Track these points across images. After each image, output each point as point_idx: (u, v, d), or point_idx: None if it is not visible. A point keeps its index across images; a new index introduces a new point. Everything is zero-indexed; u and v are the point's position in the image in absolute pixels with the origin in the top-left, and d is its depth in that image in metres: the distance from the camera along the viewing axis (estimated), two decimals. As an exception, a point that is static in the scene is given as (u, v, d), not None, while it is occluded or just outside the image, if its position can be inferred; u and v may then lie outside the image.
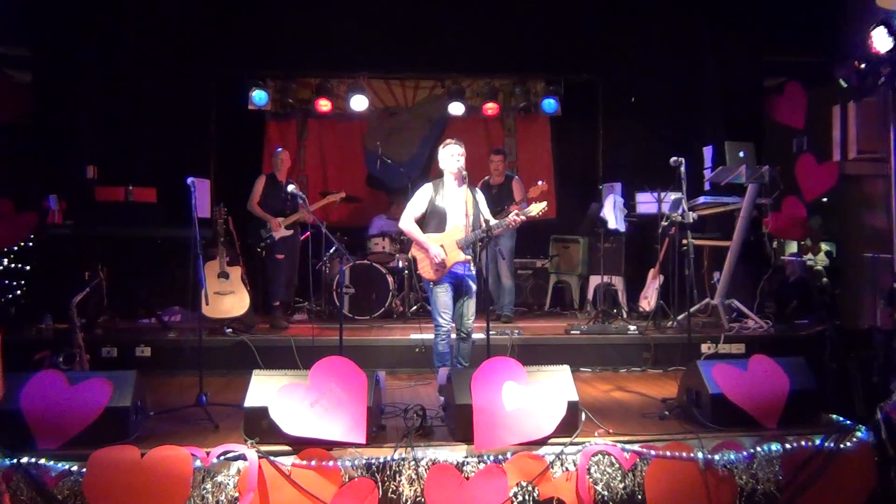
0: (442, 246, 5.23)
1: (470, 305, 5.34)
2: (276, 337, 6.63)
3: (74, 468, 3.80)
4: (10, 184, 7.06)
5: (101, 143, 8.04)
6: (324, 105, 9.19)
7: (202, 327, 6.12)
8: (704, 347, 6.46)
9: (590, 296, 8.56)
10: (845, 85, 6.10)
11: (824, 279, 8.14)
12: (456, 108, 9.30)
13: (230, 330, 6.64)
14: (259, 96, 8.88)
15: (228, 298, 6.63)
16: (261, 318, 7.31)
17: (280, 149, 7.69)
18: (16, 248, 7.55)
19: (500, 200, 7.44)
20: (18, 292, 7.58)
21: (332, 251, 7.74)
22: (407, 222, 5.37)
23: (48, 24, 7.59)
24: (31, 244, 7.47)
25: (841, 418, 4.51)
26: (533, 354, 6.23)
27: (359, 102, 9.04)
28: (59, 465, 3.79)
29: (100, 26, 7.91)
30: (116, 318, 7.32)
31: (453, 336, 5.38)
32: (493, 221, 5.21)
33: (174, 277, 7.61)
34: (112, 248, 7.07)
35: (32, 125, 7.62)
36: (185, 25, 8.24)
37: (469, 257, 5.23)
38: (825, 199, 8.05)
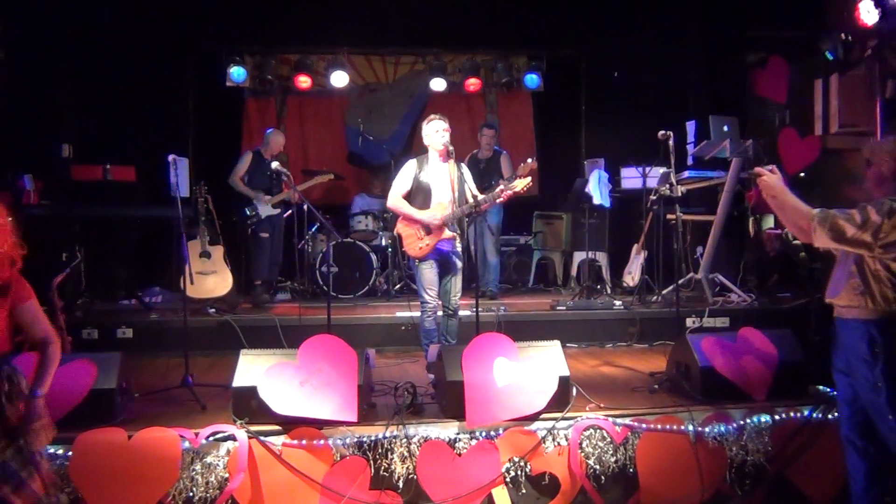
0: (427, 224, 5.17)
1: (456, 282, 5.31)
2: (261, 316, 6.57)
3: (60, 451, 3.73)
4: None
5: (76, 121, 7.84)
6: (303, 81, 9.05)
7: (186, 307, 6.06)
8: (689, 321, 6.47)
9: (574, 272, 8.56)
10: (831, 58, 6.10)
11: (801, 253, 8.19)
12: (437, 84, 9.22)
13: (213, 310, 6.55)
14: (237, 73, 8.72)
15: (211, 278, 6.54)
16: (244, 297, 7.22)
17: (275, 129, 7.61)
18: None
19: (488, 175, 7.41)
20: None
21: (314, 230, 7.72)
22: (394, 200, 5.31)
23: (20, -1, 7.37)
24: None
25: (828, 389, 4.54)
26: (519, 330, 6.18)
27: (339, 78, 8.91)
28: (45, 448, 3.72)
29: (74, 1, 7.69)
30: (96, 300, 7.18)
31: (440, 313, 5.35)
32: (479, 196, 5.16)
33: (154, 257, 7.53)
34: (90, 228, 6.93)
35: (4, 103, 7.40)
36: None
37: (454, 234, 5.18)
38: (803, 174, 8.10)
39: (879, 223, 3.23)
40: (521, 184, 5.09)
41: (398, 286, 8.01)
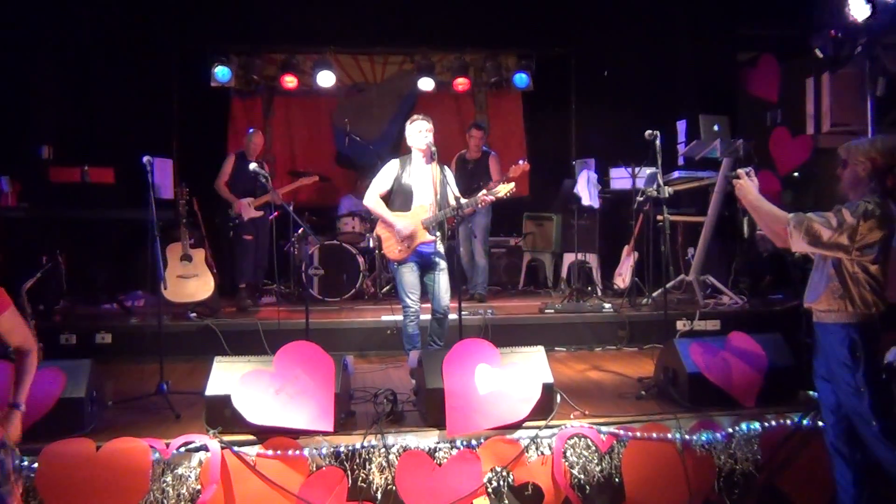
0: (399, 232, 5.06)
1: (441, 283, 5.17)
2: (243, 321, 6.43)
3: (26, 463, 3.60)
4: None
5: (56, 122, 7.71)
6: (290, 81, 8.93)
7: (162, 312, 5.92)
8: (680, 324, 6.37)
9: (564, 274, 8.45)
10: (821, 55, 6.01)
11: (795, 254, 8.09)
12: (426, 84, 9.10)
13: (194, 314, 6.41)
14: (222, 72, 8.59)
15: (192, 282, 6.40)
16: (228, 301, 7.10)
17: (252, 129, 7.47)
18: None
19: (476, 176, 7.30)
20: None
21: (299, 232, 7.59)
22: (371, 199, 5.19)
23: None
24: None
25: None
26: (507, 334, 6.14)
27: (326, 78, 8.80)
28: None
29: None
30: (77, 304, 7.05)
31: (423, 317, 5.22)
32: (462, 200, 5.04)
33: (136, 261, 7.38)
34: (69, 231, 6.80)
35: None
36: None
37: (434, 238, 5.06)
38: (796, 174, 8.02)
39: (855, 225, 3.18)
40: (504, 189, 4.96)
41: (386, 289, 7.89)
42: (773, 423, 4.11)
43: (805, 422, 4.12)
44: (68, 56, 7.82)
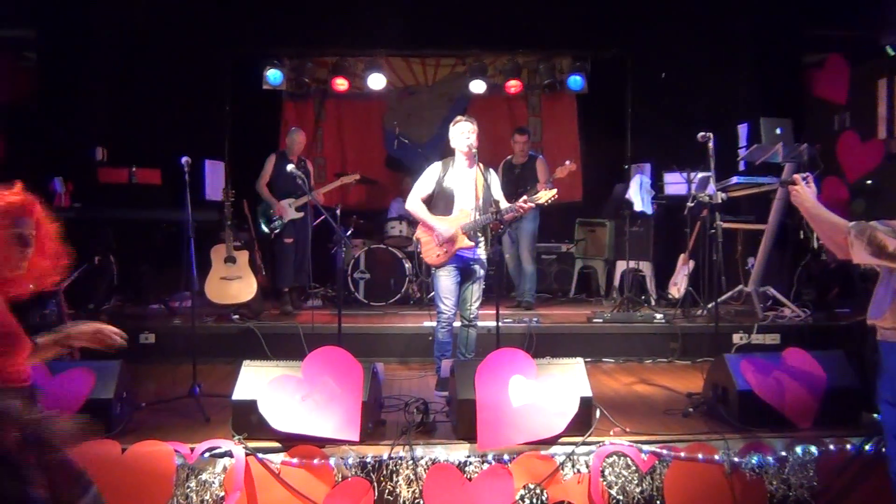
0: (440, 235, 4.92)
1: (474, 291, 5.00)
2: (284, 324, 6.40)
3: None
4: (17, 166, 6.89)
5: (110, 124, 7.84)
6: (340, 84, 8.90)
7: (205, 314, 5.93)
8: (736, 337, 6.07)
9: (616, 282, 8.18)
10: (893, 53, 5.63)
11: (861, 265, 7.61)
12: (478, 87, 8.95)
13: (237, 316, 6.41)
14: (274, 76, 8.61)
15: (235, 284, 6.39)
16: (273, 304, 7.08)
17: (295, 128, 7.41)
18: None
19: (523, 181, 7.11)
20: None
21: (347, 235, 7.54)
22: (413, 202, 5.08)
23: (54, 2, 7.38)
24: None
25: (884, 418, 4.11)
26: (553, 343, 5.96)
27: (377, 81, 8.74)
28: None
29: (108, 4, 7.68)
30: (126, 304, 7.14)
31: (457, 324, 5.07)
32: (503, 206, 4.87)
33: (182, 261, 7.44)
34: (119, 231, 6.89)
35: (38, 106, 7.44)
36: (196, 2, 7.98)
37: (473, 244, 4.90)
38: (869, 181, 7.58)
39: None
40: (546, 196, 4.76)
41: (432, 294, 7.75)
42: (832, 447, 3.82)
43: (867, 447, 3.81)
44: (122, 59, 7.93)
